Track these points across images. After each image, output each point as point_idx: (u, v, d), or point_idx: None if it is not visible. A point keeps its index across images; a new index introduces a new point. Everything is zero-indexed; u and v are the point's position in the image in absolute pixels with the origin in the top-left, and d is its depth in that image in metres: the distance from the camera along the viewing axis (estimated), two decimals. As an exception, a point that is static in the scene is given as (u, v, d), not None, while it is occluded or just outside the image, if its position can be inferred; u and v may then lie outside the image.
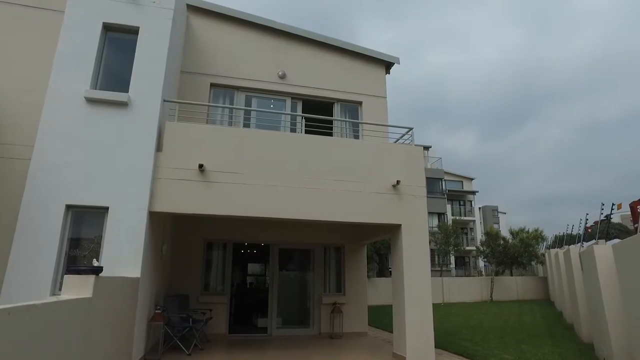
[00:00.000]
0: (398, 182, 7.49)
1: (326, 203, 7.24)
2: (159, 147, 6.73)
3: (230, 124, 9.67)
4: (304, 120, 8.96)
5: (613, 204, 8.95)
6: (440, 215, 31.96)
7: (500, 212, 52.39)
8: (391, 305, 7.84)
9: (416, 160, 7.94)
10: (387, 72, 11.06)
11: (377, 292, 20.20)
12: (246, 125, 9.69)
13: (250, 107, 9.94)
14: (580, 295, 10.63)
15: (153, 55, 6.94)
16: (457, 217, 37.87)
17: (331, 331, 9.99)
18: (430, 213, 32.02)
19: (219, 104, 9.61)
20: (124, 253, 6.08)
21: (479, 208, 47.64)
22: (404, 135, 8.58)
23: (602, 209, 9.76)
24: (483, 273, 34.18)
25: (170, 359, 6.98)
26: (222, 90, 9.97)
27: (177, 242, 9.52)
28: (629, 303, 5.77)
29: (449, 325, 13.22)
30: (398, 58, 10.81)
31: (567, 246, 13.42)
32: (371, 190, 7.45)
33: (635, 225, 8.09)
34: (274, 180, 7.11)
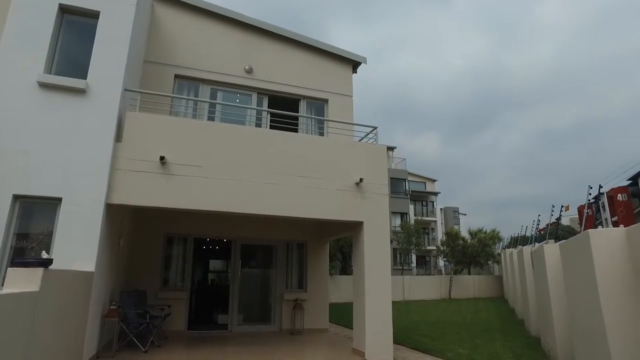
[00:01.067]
0: (361, 179, 7.58)
1: (290, 199, 7.24)
2: (118, 138, 6.50)
3: (194, 116, 9.47)
4: (269, 115, 8.92)
5: (562, 206, 9.46)
6: (403, 215, 32.64)
7: (461, 214, 54.07)
8: (353, 303, 7.94)
9: (379, 159, 8.06)
10: (354, 71, 11.18)
11: (340, 289, 20.42)
12: (211, 119, 9.54)
13: (216, 100, 9.78)
14: (530, 292, 11.16)
15: (114, 41, 6.68)
16: (420, 218, 38.79)
17: (292, 327, 10.01)
18: (393, 213, 32.65)
19: (183, 96, 9.40)
20: (78, 246, 5.83)
21: (441, 209, 48.96)
22: (368, 134, 8.69)
23: (552, 211, 10.27)
24: (443, 272, 35.19)
25: (125, 356, 6.77)
26: (187, 82, 9.76)
27: (135, 236, 9.25)
28: (570, 297, 6.11)
29: (409, 321, 13.54)
30: (365, 58, 10.94)
31: (521, 246, 14.04)
32: (334, 187, 7.51)
33: (581, 227, 8.58)
34: (238, 174, 7.03)
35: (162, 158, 6.56)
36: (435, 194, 42.42)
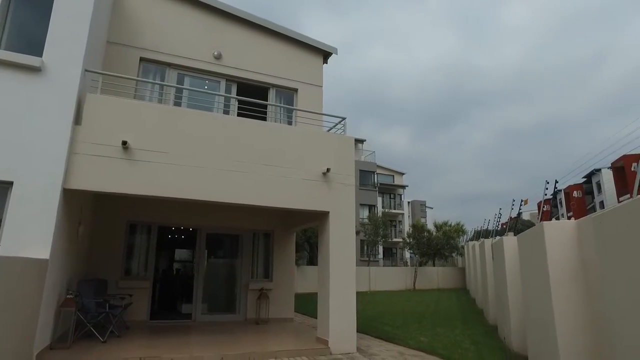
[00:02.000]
0: (328, 169, 7.60)
1: (256, 187, 7.18)
2: (77, 120, 6.23)
3: (160, 102, 9.20)
4: (237, 103, 8.78)
5: (521, 200, 9.83)
6: (371, 207, 33.06)
7: (428, 207, 55.33)
8: (318, 292, 7.99)
9: (347, 150, 8.10)
10: (325, 61, 11.14)
11: (307, 280, 20.52)
12: (177, 105, 9.28)
13: (183, 86, 9.53)
14: (490, 283, 11.58)
15: (74, 17, 6.36)
16: (387, 210, 39.39)
17: (257, 317, 9.99)
18: (361, 205, 33.01)
19: (149, 80, 9.09)
20: (31, 233, 5.58)
21: (408, 202, 49.91)
22: (336, 124, 8.71)
23: (513, 206, 10.65)
24: (409, 264, 35.97)
25: (82, 346, 6.57)
26: (153, 66, 9.46)
27: (97, 224, 8.96)
28: (525, 286, 6.39)
29: (373, 311, 13.78)
30: (336, 48, 10.91)
31: (483, 239, 14.51)
32: (301, 176, 7.50)
33: (539, 222, 8.94)
34: (204, 162, 6.90)
35: (124, 143, 6.35)
36: (403, 187, 43.13)
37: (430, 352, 7.41)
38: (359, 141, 37.84)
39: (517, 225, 11.13)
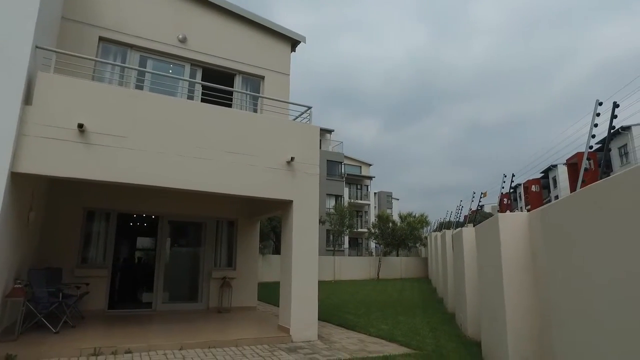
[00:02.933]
0: (292, 158, 7.58)
1: (219, 175, 7.06)
2: (27, 100, 5.90)
3: (121, 84, 8.85)
4: (202, 88, 8.57)
5: (481, 193, 10.17)
6: (338, 197, 33.31)
7: (394, 198, 56.28)
8: (280, 281, 8.00)
9: (312, 139, 8.09)
10: (293, 49, 11.03)
11: (272, 269, 20.51)
12: (139, 88, 8.96)
13: (145, 69, 9.19)
14: (450, 273, 11.94)
15: (24, -9, 5.99)
16: (354, 200, 39.80)
17: (220, 305, 9.92)
18: (328, 195, 33.20)
19: (108, 61, 8.71)
20: (-24, 218, 5.28)
21: (375, 193, 50.59)
22: (302, 113, 8.67)
23: (473, 197, 10.99)
24: (374, 254, 36.59)
25: (32, 338, 6.30)
26: (113, 46, 9.07)
27: (51, 210, 8.60)
28: (481, 274, 6.64)
29: (337, 300, 13.97)
30: (304, 37, 10.82)
31: (445, 230, 14.92)
32: (265, 165, 7.44)
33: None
34: (166, 147, 6.71)
35: (80, 126, 6.08)
36: (370, 178, 43.64)
37: (390, 339, 7.59)
38: (327, 131, 37.89)
39: (476, 218, 11.51)
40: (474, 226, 9.72)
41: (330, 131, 38.33)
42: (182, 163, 6.79)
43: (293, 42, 10.96)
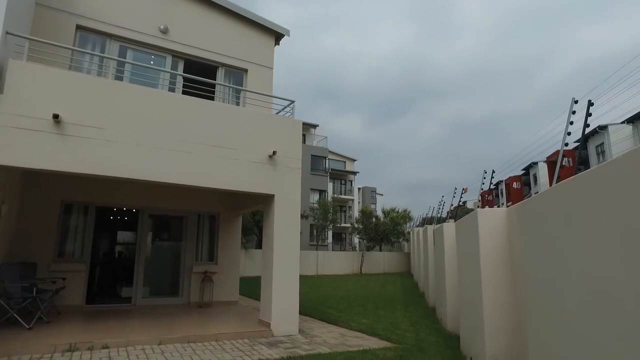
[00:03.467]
0: (274, 152, 7.52)
1: (200, 168, 6.96)
2: (-1, 89, 5.71)
3: (100, 75, 8.63)
4: (183, 81, 8.43)
5: (462, 189, 10.27)
6: (322, 192, 33.32)
7: (378, 194, 56.59)
8: (261, 275, 7.97)
9: (295, 133, 8.04)
10: (277, 43, 10.92)
11: (255, 263, 20.44)
12: (119, 79, 8.75)
13: (125, 59, 8.97)
14: (431, 267, 12.08)
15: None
16: (338, 196, 39.90)
17: (201, 300, 9.84)
18: (312, 189, 33.20)
19: (86, 50, 8.48)
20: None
21: (359, 188, 50.80)
22: (285, 107, 8.60)
23: (454, 194, 11.11)
24: (357, 248, 36.77)
25: (3, 334, 6.11)
26: (92, 35, 8.83)
27: (26, 203, 8.38)
28: (460, 269, 6.72)
29: (319, 294, 14.00)
30: (288, 30, 10.72)
31: (427, 225, 15.07)
32: (247, 158, 7.36)
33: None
34: (145, 140, 6.58)
35: (55, 116, 5.91)
36: (354, 173, 43.77)
37: (370, 333, 7.64)
38: (311, 126, 37.81)
39: (457, 213, 11.64)
40: (455, 222, 9.82)
41: (314, 126, 38.25)
42: (162, 156, 6.67)
43: (277, 35, 10.86)
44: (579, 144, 5.69)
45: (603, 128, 28.35)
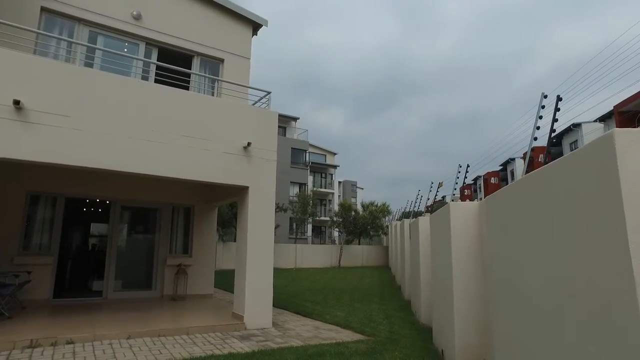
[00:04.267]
0: (249, 143, 7.39)
1: (173, 159, 6.79)
2: (-46, 72, 5.41)
3: (68, 61, 8.30)
4: (157, 69, 8.18)
5: (439, 183, 10.36)
6: (302, 185, 33.19)
7: (359, 188, 56.79)
8: (235, 268, 7.87)
9: (270, 125, 7.91)
10: (255, 33, 10.72)
11: (232, 256, 20.21)
12: (88, 66, 8.43)
13: (95, 45, 8.65)
14: (407, 260, 12.16)
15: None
16: (318, 189, 39.87)
17: (174, 293, 9.67)
18: (292, 183, 33.06)
19: (51, 34, 8.12)
20: None
21: (339, 182, 50.89)
22: (261, 98, 8.47)
23: (431, 188, 11.19)
24: (337, 242, 36.88)
25: (-37, 327, 5.90)
26: (59, 19, 8.47)
27: (-13, 193, 8.02)
28: (434, 261, 6.76)
29: (296, 287, 13.97)
30: (266, 20, 10.53)
31: (404, 219, 15.17)
32: (221, 149, 7.21)
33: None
34: (116, 129, 6.36)
35: (17, 102, 5.65)
36: (335, 166, 43.76)
37: (344, 326, 7.64)
38: (292, 119, 37.56)
39: (434, 208, 11.73)
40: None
41: (295, 119, 38.00)
42: (133, 146, 6.47)
43: (255, 25, 10.65)
44: (555, 140, 5.78)
45: (577, 126, 29.01)
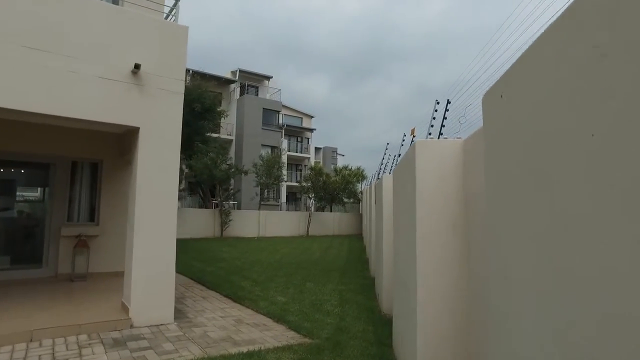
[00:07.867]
0: (138, 66, 5.11)
1: (11, 82, 4.50)
2: None
3: None
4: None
5: (411, 130, 8.26)
6: (274, 148, 30.73)
7: (339, 154, 54.61)
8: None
9: (176, 44, 5.61)
10: None
11: (187, 224, 18.12)
12: None
13: None
14: (373, 229, 10.24)
15: None
16: (293, 154, 37.58)
17: (72, 272, 7.55)
18: (263, 145, 30.65)
19: None
20: None
21: (319, 148, 48.61)
22: (172, 9, 6.12)
23: (404, 139, 9.17)
24: (312, 209, 34.99)
25: None
26: None
27: None
28: (395, 232, 4.80)
29: (245, 261, 11.99)
30: None
31: (372, 181, 13.19)
32: (94, 72, 4.94)
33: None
34: None
35: None
36: (311, 130, 41.19)
37: (278, 319, 5.72)
38: (265, 77, 34.58)
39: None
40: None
41: (268, 77, 35.02)
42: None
43: None
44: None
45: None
